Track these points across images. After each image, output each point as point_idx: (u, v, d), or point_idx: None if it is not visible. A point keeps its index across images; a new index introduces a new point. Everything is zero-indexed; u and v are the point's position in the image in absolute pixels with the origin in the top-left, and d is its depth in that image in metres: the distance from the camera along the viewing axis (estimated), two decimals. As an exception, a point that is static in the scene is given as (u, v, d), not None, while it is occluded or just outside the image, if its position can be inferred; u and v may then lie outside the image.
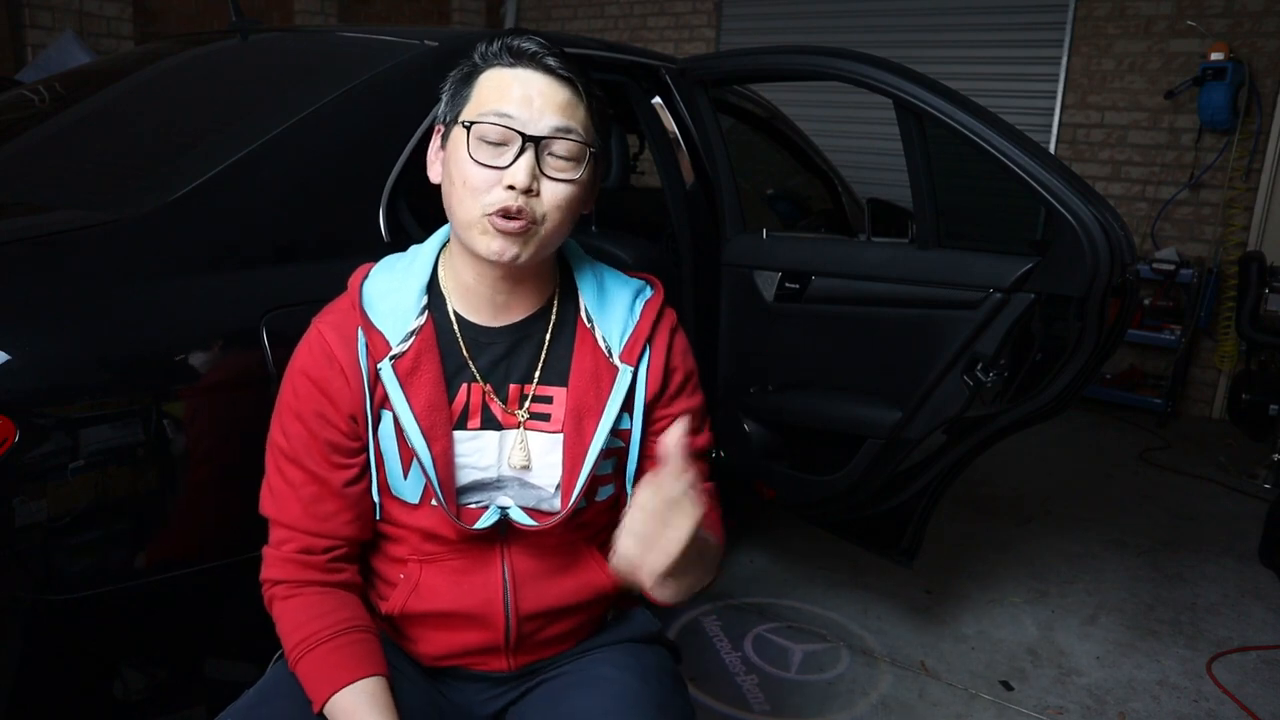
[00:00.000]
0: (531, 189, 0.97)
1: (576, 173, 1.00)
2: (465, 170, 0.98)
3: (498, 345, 1.06)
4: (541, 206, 0.98)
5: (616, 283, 1.13)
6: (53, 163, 1.63)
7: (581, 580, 1.11)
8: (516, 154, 0.97)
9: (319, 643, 1.00)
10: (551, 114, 0.98)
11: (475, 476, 1.05)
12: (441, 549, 1.07)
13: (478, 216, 0.98)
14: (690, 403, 1.14)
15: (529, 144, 0.97)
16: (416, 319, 1.04)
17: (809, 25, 5.22)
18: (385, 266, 1.09)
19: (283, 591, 1.05)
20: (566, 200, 1.00)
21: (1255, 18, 4.08)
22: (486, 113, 0.98)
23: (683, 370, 1.13)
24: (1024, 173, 1.72)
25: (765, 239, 2.14)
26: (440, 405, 1.03)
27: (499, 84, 0.99)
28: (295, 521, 1.04)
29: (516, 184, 0.96)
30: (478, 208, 0.98)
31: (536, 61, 0.99)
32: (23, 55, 4.13)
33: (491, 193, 0.97)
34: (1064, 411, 1.95)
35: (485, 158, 0.97)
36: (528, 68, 0.99)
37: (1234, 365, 4.24)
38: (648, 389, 1.09)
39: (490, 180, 0.97)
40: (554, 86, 0.99)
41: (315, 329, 1.06)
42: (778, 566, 2.65)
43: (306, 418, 1.04)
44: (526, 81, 0.99)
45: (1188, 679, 2.20)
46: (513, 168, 0.96)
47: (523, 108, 0.97)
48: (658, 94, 2.23)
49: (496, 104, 0.98)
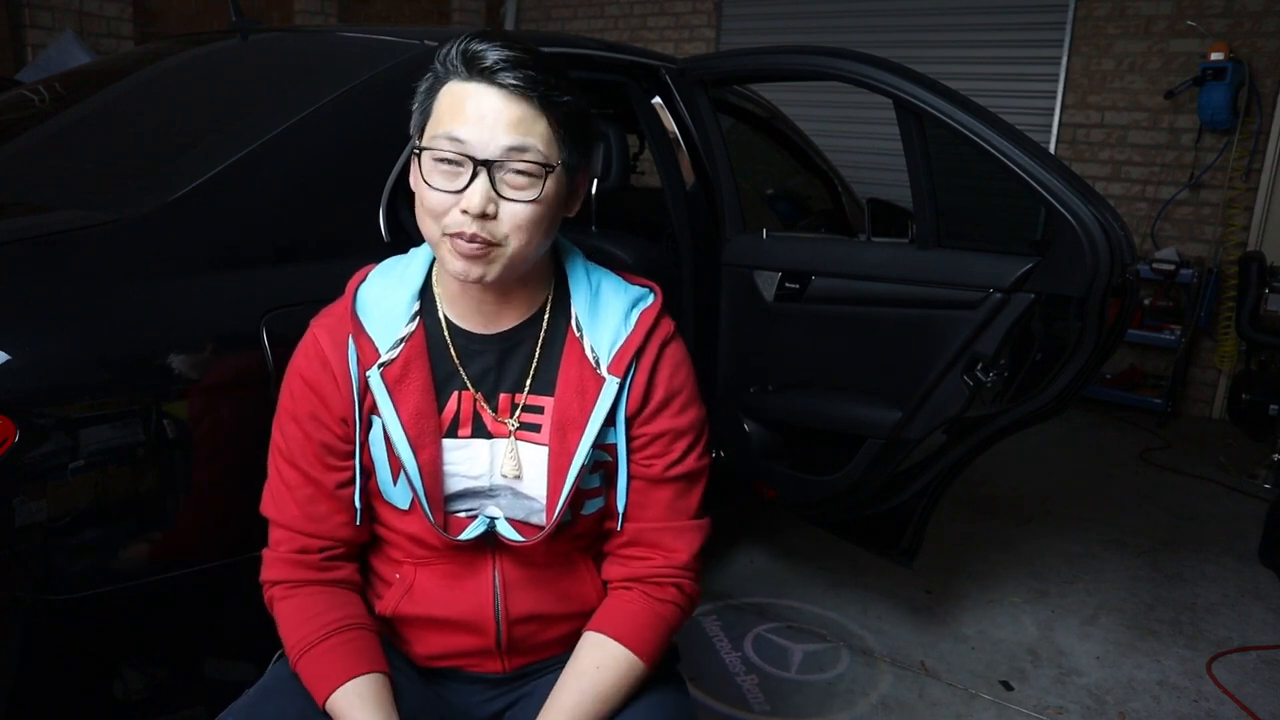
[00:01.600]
0: (486, 213, 0.94)
1: (536, 191, 0.95)
2: (423, 194, 0.97)
3: (489, 353, 1.05)
4: (501, 228, 0.95)
5: (613, 290, 1.09)
6: (53, 163, 1.63)
7: (572, 589, 1.11)
8: (470, 178, 0.94)
9: (317, 641, 1.00)
10: (504, 133, 0.93)
11: (465, 484, 1.05)
12: (433, 553, 1.07)
13: (439, 238, 0.97)
14: (676, 422, 1.08)
15: (481, 168, 0.93)
16: (406, 326, 1.03)
17: (809, 25, 5.22)
18: (383, 270, 1.09)
19: (281, 592, 1.05)
20: (527, 220, 0.96)
21: (1255, 18, 4.07)
22: (439, 135, 0.95)
23: (665, 388, 1.07)
24: (1024, 173, 1.72)
25: (765, 239, 2.14)
26: (428, 413, 1.02)
27: (453, 101, 0.95)
28: (292, 522, 1.05)
29: (470, 210, 0.93)
30: (438, 229, 0.96)
31: (489, 77, 0.94)
32: (23, 55, 4.13)
33: (449, 215, 0.95)
34: (1064, 411, 1.95)
35: (440, 182, 0.95)
36: (480, 82, 0.94)
37: (1234, 365, 4.24)
38: (629, 403, 1.05)
39: (447, 203, 0.95)
40: (508, 103, 0.94)
41: (311, 332, 1.06)
42: (778, 566, 2.65)
43: (301, 420, 1.04)
44: (479, 98, 0.94)
45: (1188, 679, 2.20)
46: (467, 192, 0.94)
47: (475, 128, 0.93)
48: (658, 94, 2.23)
49: (449, 125, 0.94)
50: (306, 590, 1.05)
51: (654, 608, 1.06)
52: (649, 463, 1.08)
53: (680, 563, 1.08)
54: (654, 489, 1.08)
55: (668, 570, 1.08)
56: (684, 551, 1.08)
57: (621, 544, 1.10)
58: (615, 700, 1.02)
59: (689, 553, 1.09)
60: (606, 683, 1.01)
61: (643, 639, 1.04)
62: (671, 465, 1.08)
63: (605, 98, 2.76)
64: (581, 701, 1.00)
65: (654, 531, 1.08)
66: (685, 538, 1.09)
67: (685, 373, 1.10)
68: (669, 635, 1.08)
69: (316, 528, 1.05)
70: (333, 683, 0.98)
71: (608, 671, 1.02)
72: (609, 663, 1.02)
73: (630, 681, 1.03)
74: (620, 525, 1.09)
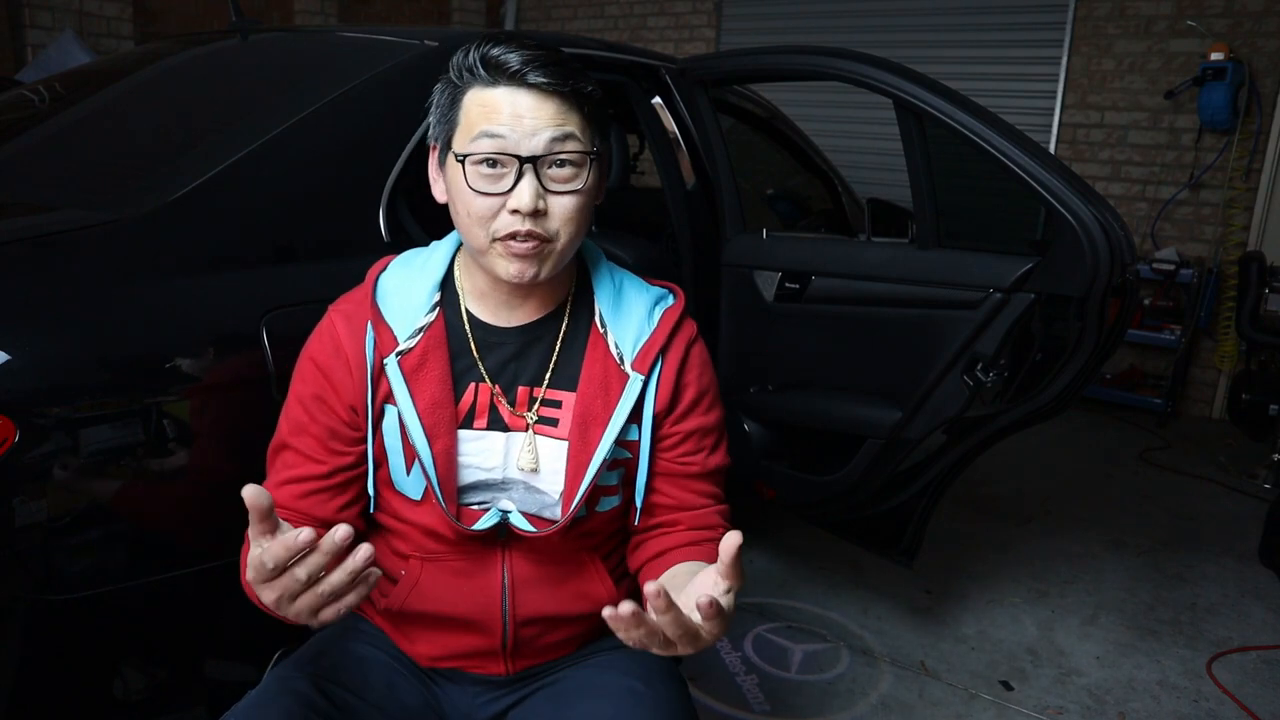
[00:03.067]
0: (539, 209, 0.95)
1: (580, 182, 0.97)
2: (469, 202, 0.96)
3: (508, 346, 1.05)
4: (553, 223, 0.96)
5: (635, 290, 1.10)
6: (53, 163, 1.63)
7: (581, 590, 1.10)
8: (516, 177, 0.94)
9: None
10: (545, 128, 0.94)
11: (479, 476, 1.05)
12: (443, 548, 1.06)
13: (488, 244, 0.97)
14: (705, 420, 1.10)
15: (527, 165, 0.94)
16: (426, 315, 1.03)
17: (809, 25, 5.22)
18: (404, 261, 1.09)
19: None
20: (576, 212, 0.97)
21: (1255, 18, 4.07)
22: (477, 137, 0.95)
23: (696, 387, 1.09)
24: (1024, 173, 1.72)
25: (765, 239, 2.14)
26: (445, 403, 1.02)
27: (484, 105, 0.95)
28: (284, 501, 1.03)
29: (522, 208, 0.94)
30: (487, 235, 0.96)
31: (518, 79, 0.94)
32: (23, 55, 4.13)
33: (498, 219, 0.95)
34: (1064, 411, 1.95)
35: (485, 186, 0.95)
36: (510, 85, 0.95)
37: (1234, 365, 4.24)
38: (658, 401, 1.06)
39: (494, 207, 0.95)
40: (543, 100, 0.95)
41: (329, 316, 1.06)
42: (778, 566, 2.65)
43: (307, 401, 1.04)
44: (513, 100, 0.94)
45: (1188, 679, 2.20)
46: (515, 192, 0.94)
47: (513, 126, 0.94)
48: (658, 94, 2.23)
49: (485, 125, 0.94)
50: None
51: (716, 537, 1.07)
52: (684, 461, 1.09)
53: (717, 511, 1.11)
54: (687, 484, 1.10)
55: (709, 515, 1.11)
56: (714, 514, 1.11)
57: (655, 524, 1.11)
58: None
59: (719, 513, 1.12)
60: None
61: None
62: (705, 460, 1.10)
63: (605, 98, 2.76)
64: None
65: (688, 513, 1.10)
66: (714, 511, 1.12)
67: (710, 373, 1.13)
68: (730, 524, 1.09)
69: (310, 510, 1.03)
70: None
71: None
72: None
73: None
74: (638, 521, 1.10)
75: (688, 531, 1.10)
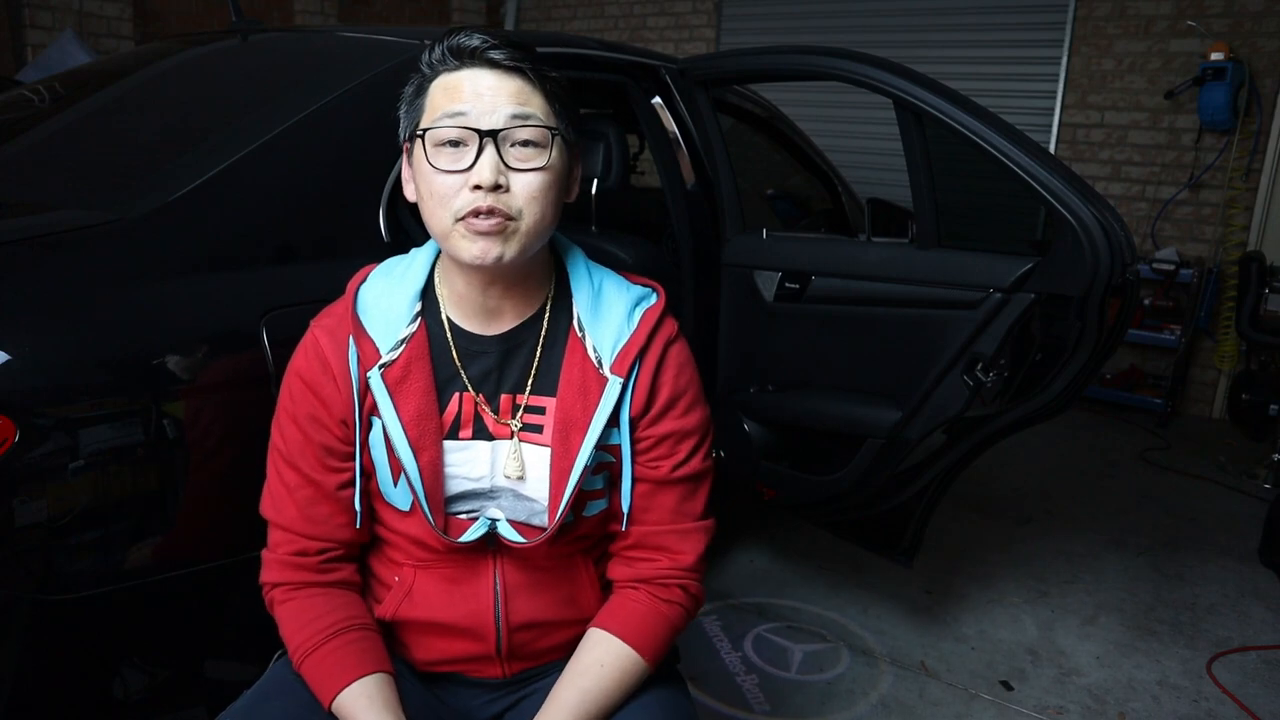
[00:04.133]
0: (500, 184, 0.94)
1: (544, 159, 0.96)
2: (431, 181, 0.96)
3: (490, 354, 1.04)
4: (515, 201, 0.96)
5: (615, 289, 1.09)
6: (53, 163, 1.63)
7: (574, 593, 1.10)
8: (477, 152, 0.94)
9: (321, 643, 1.00)
10: (505, 104, 0.95)
11: (467, 486, 1.05)
12: (434, 556, 1.06)
13: (451, 224, 0.96)
14: (681, 424, 1.07)
15: (487, 139, 0.94)
16: (408, 327, 1.03)
17: (809, 25, 5.22)
18: (383, 271, 1.08)
19: (281, 595, 1.05)
20: (540, 189, 0.96)
21: (1255, 18, 4.07)
22: (439, 117, 0.96)
23: (670, 389, 1.07)
24: (1024, 173, 1.72)
25: (765, 239, 2.14)
26: (429, 414, 1.02)
27: (448, 88, 0.96)
28: (291, 524, 1.05)
29: (483, 182, 0.93)
30: (449, 215, 0.96)
31: (480, 58, 0.96)
32: (23, 55, 4.13)
33: (460, 196, 0.95)
34: (1064, 411, 1.95)
35: (446, 163, 0.95)
36: (472, 66, 0.96)
37: (1234, 365, 4.24)
38: (633, 404, 1.04)
39: (456, 184, 0.95)
40: (502, 78, 0.96)
41: (311, 333, 1.05)
42: (777, 566, 2.65)
43: (301, 421, 1.04)
44: (474, 78, 0.96)
45: (1188, 679, 2.20)
46: (476, 166, 0.94)
47: (474, 104, 0.95)
48: (658, 94, 2.23)
49: (447, 105, 0.95)
50: (307, 592, 1.04)
51: (659, 608, 1.06)
52: (655, 465, 1.07)
53: (686, 565, 1.08)
54: (660, 491, 1.08)
55: (673, 572, 1.08)
56: (690, 553, 1.08)
57: (627, 545, 1.10)
58: (616, 698, 1.02)
59: (694, 554, 1.09)
60: (608, 680, 1.01)
61: (646, 638, 1.04)
62: (677, 467, 1.07)
63: (605, 98, 2.76)
64: (583, 699, 1.00)
65: (660, 534, 1.08)
66: (691, 539, 1.09)
67: (690, 374, 1.10)
68: (673, 636, 1.08)
69: (315, 529, 1.05)
70: (339, 683, 0.97)
71: (610, 669, 1.02)
72: (612, 660, 1.02)
73: (632, 680, 1.03)
74: (625, 526, 1.08)
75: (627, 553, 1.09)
